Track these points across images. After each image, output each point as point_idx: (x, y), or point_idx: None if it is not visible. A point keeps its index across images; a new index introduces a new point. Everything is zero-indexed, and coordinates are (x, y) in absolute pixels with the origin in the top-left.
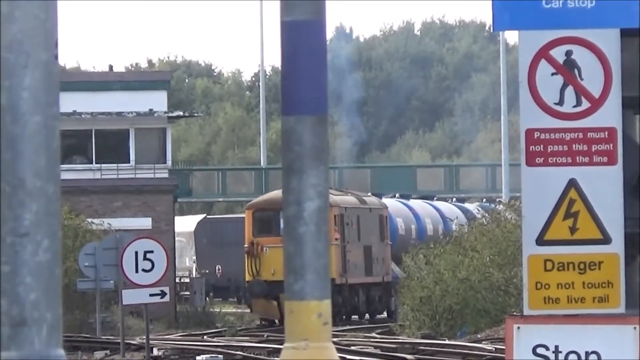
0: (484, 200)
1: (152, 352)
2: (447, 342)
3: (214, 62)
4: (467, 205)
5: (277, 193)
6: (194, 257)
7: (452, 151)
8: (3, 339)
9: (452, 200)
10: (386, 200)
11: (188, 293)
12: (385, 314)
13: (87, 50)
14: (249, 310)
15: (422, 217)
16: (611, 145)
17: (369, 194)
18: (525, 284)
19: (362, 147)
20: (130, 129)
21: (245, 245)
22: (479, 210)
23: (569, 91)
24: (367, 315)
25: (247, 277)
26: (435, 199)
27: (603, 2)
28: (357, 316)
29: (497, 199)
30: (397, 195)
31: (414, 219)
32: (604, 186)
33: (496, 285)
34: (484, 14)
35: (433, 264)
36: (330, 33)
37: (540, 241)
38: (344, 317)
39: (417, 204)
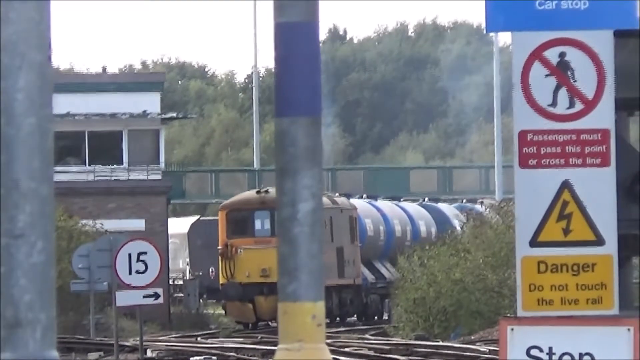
0: (464, 201)
1: (145, 353)
2: (440, 343)
3: (208, 64)
4: (440, 205)
5: (250, 193)
6: (188, 259)
7: (446, 153)
8: None
9: (424, 200)
10: (354, 201)
11: (182, 295)
12: (355, 317)
13: (81, 51)
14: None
15: (390, 219)
16: (604, 146)
17: (337, 194)
18: (519, 286)
19: (356, 148)
20: (123, 130)
21: (219, 247)
22: (460, 212)
23: (563, 93)
24: (337, 319)
25: (222, 280)
26: (402, 200)
27: (596, 4)
28: (328, 319)
29: (479, 200)
30: (364, 195)
31: (382, 220)
32: (597, 188)
33: (490, 287)
34: (477, 15)
35: (427, 266)
36: (323, 34)
37: (534, 243)
38: None
39: (385, 205)
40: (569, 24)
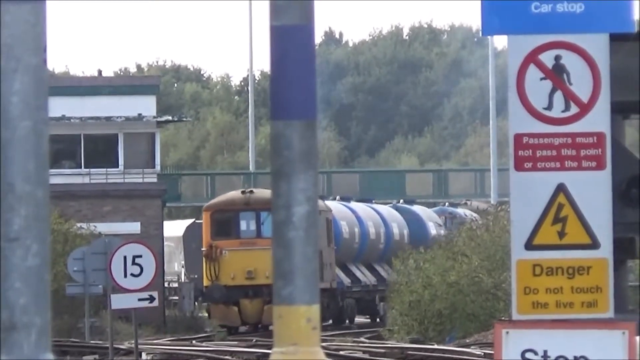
0: (446, 203)
1: (140, 356)
2: (435, 346)
3: (203, 67)
4: (414, 208)
5: (235, 193)
6: (183, 262)
7: (441, 156)
8: None
9: (399, 202)
10: (329, 203)
11: (177, 298)
12: (330, 322)
13: (76, 55)
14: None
15: (364, 221)
16: (600, 150)
17: None
18: (514, 289)
19: (351, 151)
20: (119, 133)
21: (203, 249)
22: (440, 215)
23: (558, 96)
24: None
25: (205, 282)
26: (373, 201)
27: (592, 7)
28: None
29: (464, 201)
30: (337, 197)
31: (357, 223)
32: (592, 191)
33: (485, 290)
34: (472, 18)
35: (422, 269)
36: (319, 37)
37: (529, 246)
38: None
39: (358, 207)
40: (565, 27)
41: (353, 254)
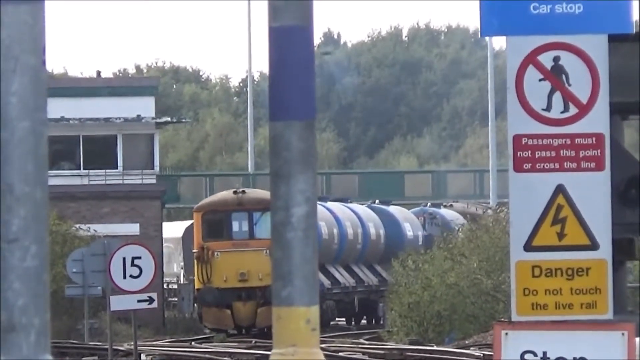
0: (429, 204)
1: (140, 358)
2: (435, 348)
3: (202, 68)
4: (390, 208)
5: (227, 194)
6: (182, 263)
7: (440, 157)
8: None
9: (375, 202)
10: None
11: (176, 299)
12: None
13: (75, 56)
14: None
15: (342, 221)
16: (599, 151)
17: None
18: (513, 290)
19: (350, 152)
20: (118, 134)
21: (195, 250)
22: (420, 216)
23: (557, 97)
24: None
25: (197, 285)
26: (349, 201)
27: (591, 8)
28: None
29: (450, 203)
30: None
31: (335, 223)
32: (591, 192)
33: (484, 291)
34: (471, 19)
35: (421, 270)
36: (317, 38)
37: (528, 247)
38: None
39: (335, 206)
40: (564, 28)
41: (332, 255)
